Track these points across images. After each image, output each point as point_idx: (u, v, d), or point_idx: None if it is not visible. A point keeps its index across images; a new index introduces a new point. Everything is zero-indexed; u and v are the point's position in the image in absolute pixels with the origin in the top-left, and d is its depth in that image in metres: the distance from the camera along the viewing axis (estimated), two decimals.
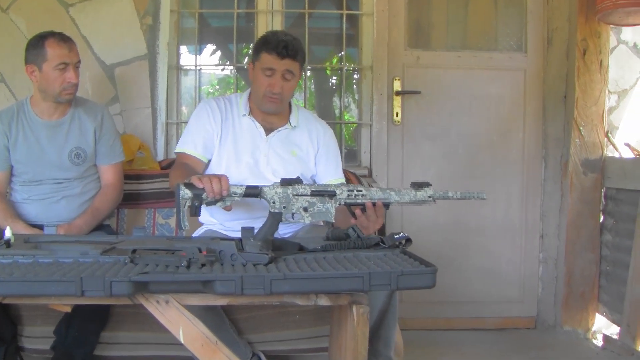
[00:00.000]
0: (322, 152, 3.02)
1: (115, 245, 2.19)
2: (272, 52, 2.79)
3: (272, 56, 2.79)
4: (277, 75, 2.81)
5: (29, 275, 1.76)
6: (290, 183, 2.43)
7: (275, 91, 2.82)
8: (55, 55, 2.90)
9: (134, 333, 2.92)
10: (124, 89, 3.81)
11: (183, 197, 2.30)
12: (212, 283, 1.78)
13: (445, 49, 4.14)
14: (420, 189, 2.47)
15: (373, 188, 2.48)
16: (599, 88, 3.94)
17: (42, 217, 3.02)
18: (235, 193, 2.39)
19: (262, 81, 2.83)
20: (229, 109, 2.98)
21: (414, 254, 2.05)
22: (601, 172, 3.96)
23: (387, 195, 2.44)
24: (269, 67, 2.80)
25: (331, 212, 2.43)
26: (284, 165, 2.91)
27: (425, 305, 4.06)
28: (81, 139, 3.06)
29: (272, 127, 2.95)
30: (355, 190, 2.44)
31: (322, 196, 2.42)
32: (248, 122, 2.95)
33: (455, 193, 2.52)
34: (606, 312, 3.92)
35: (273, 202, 2.41)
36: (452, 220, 4.11)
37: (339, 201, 2.44)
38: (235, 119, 2.95)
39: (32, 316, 2.89)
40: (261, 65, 2.82)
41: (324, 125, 3.10)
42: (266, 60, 2.81)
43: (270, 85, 2.82)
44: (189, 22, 4.05)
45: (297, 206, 2.41)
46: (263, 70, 2.82)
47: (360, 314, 1.90)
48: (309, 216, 2.42)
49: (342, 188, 2.44)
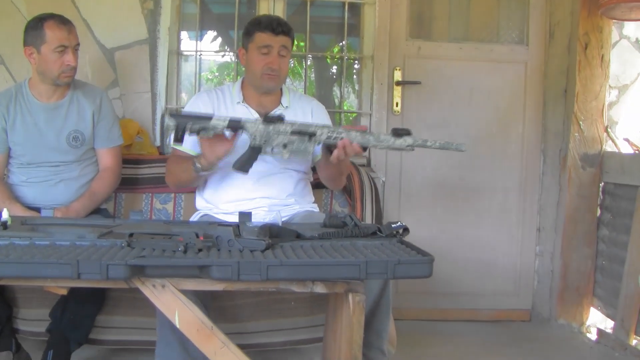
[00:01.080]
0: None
1: (112, 229, 2.19)
2: (267, 30, 2.86)
3: (266, 34, 2.86)
4: (273, 51, 2.87)
5: (25, 257, 1.75)
6: (273, 120, 2.54)
7: (275, 67, 2.88)
8: (55, 37, 2.89)
9: (129, 317, 2.92)
10: (124, 73, 3.80)
11: (167, 126, 2.45)
12: (209, 268, 1.78)
13: (447, 40, 4.14)
14: (400, 137, 2.56)
15: (353, 132, 2.55)
16: (600, 83, 3.94)
17: (39, 199, 3.01)
18: (217, 125, 2.49)
19: (259, 60, 2.88)
20: (221, 98, 3.01)
21: (411, 244, 2.04)
22: (600, 166, 3.96)
23: (365, 139, 2.53)
24: (265, 44, 2.85)
25: (309, 151, 2.56)
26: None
27: (420, 296, 4.07)
28: (79, 122, 3.06)
29: (267, 109, 2.96)
30: (335, 132, 2.54)
31: (303, 135, 2.53)
32: (242, 109, 2.96)
33: (434, 142, 2.62)
34: (601, 306, 3.93)
35: (254, 137, 2.52)
36: (449, 212, 4.11)
37: (318, 140, 2.55)
38: (228, 108, 2.97)
39: (28, 298, 2.89)
40: (256, 45, 2.87)
41: (315, 102, 3.15)
42: (261, 38, 2.86)
43: (269, 63, 2.87)
44: (190, 8, 4.03)
45: (277, 142, 2.54)
46: (259, 49, 2.87)
47: (356, 302, 1.90)
48: (287, 152, 2.55)
49: (323, 129, 2.54)
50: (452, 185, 4.07)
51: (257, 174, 2.82)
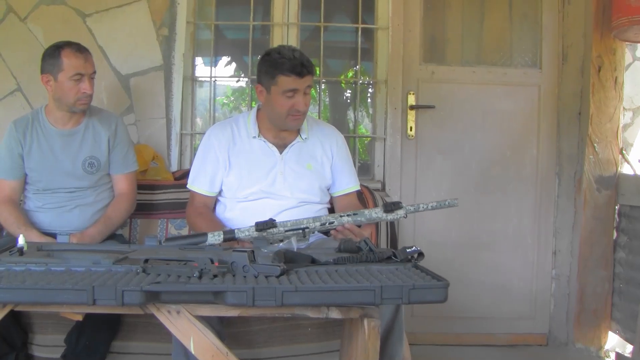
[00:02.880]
0: (336, 161, 3.04)
1: (127, 254, 2.20)
2: (291, 73, 2.75)
3: (291, 78, 2.76)
4: (300, 93, 2.79)
5: (41, 283, 1.76)
6: (264, 227, 2.58)
7: (302, 109, 2.82)
8: (71, 65, 2.92)
9: (144, 343, 2.92)
10: (139, 99, 3.82)
11: None
12: (224, 294, 1.78)
13: (460, 64, 4.14)
14: (391, 212, 2.64)
15: (345, 216, 2.65)
16: (614, 105, 3.93)
17: (55, 225, 3.03)
18: (214, 242, 2.56)
19: (284, 103, 2.80)
20: (236, 132, 2.99)
21: (425, 268, 2.04)
22: (615, 189, 3.94)
23: (357, 221, 2.65)
24: (291, 89, 2.77)
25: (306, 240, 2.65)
26: (300, 180, 2.93)
27: (435, 320, 4.04)
28: (95, 148, 3.08)
29: (285, 142, 2.96)
30: (327, 223, 2.63)
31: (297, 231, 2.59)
32: (259, 143, 2.96)
33: (427, 205, 2.65)
34: (619, 330, 3.89)
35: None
36: (464, 236, 4.10)
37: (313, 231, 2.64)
38: (244, 142, 2.97)
39: (43, 324, 2.90)
40: (281, 89, 2.78)
41: (334, 133, 3.12)
42: (286, 82, 2.77)
43: (294, 105, 2.80)
44: (205, 34, 4.06)
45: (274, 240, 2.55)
46: (284, 92, 2.78)
47: (371, 328, 1.89)
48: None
49: (315, 222, 2.62)
50: (467, 209, 4.06)
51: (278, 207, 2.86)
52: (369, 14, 4.11)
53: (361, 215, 2.65)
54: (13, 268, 1.95)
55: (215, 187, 2.96)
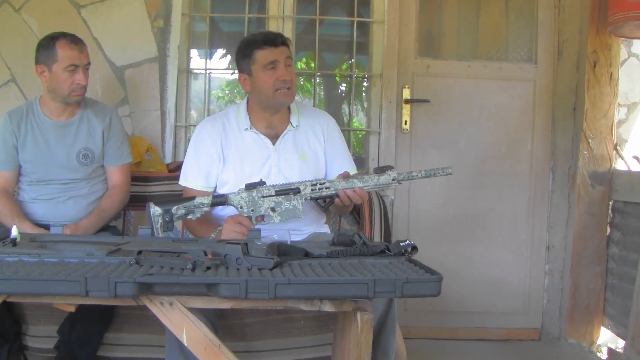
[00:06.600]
0: (329, 145, 3.03)
1: (120, 246, 2.20)
2: (266, 46, 2.81)
3: (267, 50, 2.80)
4: (280, 64, 2.81)
5: (34, 274, 1.76)
6: (254, 186, 2.59)
7: (287, 78, 2.82)
8: (66, 56, 2.91)
9: (137, 335, 2.92)
10: (134, 91, 3.82)
11: (154, 214, 2.54)
12: (217, 286, 1.78)
13: (456, 59, 4.14)
14: (383, 173, 2.61)
15: (336, 181, 2.63)
16: (609, 101, 3.93)
17: (48, 217, 3.03)
18: (202, 204, 2.57)
19: (268, 79, 2.81)
20: (227, 126, 2.97)
21: (419, 262, 2.04)
22: (609, 184, 3.94)
23: (350, 184, 2.60)
24: (270, 60, 2.80)
25: (299, 209, 2.61)
26: (295, 171, 2.91)
27: (429, 314, 4.05)
28: (89, 140, 3.07)
29: (277, 132, 2.95)
30: (318, 184, 2.61)
31: (287, 194, 2.59)
32: (251, 135, 2.94)
33: (420, 172, 2.63)
34: (611, 325, 3.90)
35: (240, 207, 2.58)
36: (458, 230, 4.10)
37: (305, 196, 2.61)
38: (236, 135, 2.95)
39: (36, 315, 2.90)
40: (260, 65, 2.81)
41: (325, 116, 3.13)
42: (263, 56, 2.80)
43: (279, 77, 2.80)
44: (200, 26, 4.05)
45: (265, 207, 2.58)
46: (264, 67, 2.80)
47: (364, 321, 1.89)
48: (278, 215, 2.60)
49: (305, 183, 2.61)
50: (461, 204, 4.07)
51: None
52: (364, 8, 4.10)
53: (354, 179, 2.63)
54: (6, 259, 1.96)
55: (211, 182, 2.93)
